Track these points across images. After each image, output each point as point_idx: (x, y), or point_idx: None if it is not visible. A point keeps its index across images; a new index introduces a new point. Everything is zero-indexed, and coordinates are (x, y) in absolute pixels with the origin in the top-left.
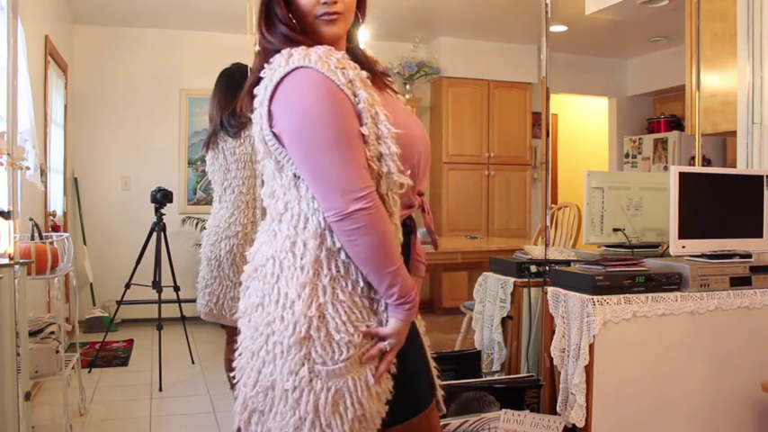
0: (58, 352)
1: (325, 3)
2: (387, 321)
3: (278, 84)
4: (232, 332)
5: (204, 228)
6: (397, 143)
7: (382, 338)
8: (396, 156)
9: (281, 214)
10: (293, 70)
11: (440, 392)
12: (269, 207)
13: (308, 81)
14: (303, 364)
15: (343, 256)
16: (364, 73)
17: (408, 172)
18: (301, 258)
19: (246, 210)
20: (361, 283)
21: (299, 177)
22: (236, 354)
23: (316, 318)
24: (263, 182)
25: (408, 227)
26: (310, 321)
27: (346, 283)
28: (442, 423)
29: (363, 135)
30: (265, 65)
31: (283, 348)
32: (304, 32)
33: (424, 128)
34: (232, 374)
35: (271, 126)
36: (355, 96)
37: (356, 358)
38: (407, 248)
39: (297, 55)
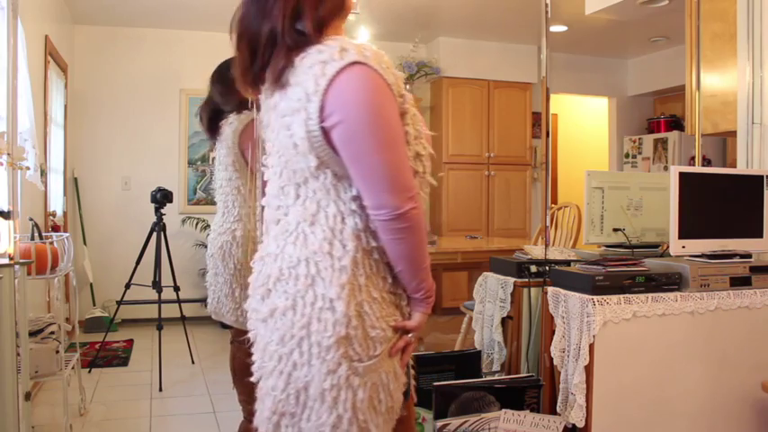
0: (57, 352)
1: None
2: (409, 315)
3: (333, 78)
4: (238, 333)
5: (204, 227)
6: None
7: (407, 331)
8: (428, 156)
9: (313, 215)
10: (350, 65)
11: (411, 382)
12: (289, 208)
13: (368, 78)
14: (341, 363)
15: (375, 255)
16: (400, 74)
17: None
18: (340, 260)
19: (233, 209)
20: (389, 280)
21: (339, 177)
22: (256, 358)
23: (354, 316)
24: (263, 182)
25: None
26: (350, 320)
27: (377, 281)
28: (442, 423)
29: (407, 134)
30: (302, 56)
31: (321, 349)
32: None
33: None
34: (252, 379)
35: (321, 120)
36: (401, 97)
37: (386, 352)
38: None
39: (352, 50)
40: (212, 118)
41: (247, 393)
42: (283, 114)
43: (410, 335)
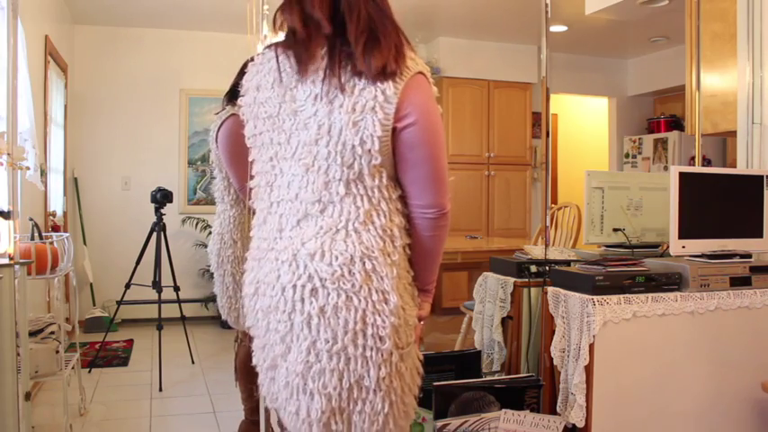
0: (57, 352)
1: None
2: (420, 306)
3: (409, 82)
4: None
5: (204, 227)
6: None
7: (419, 319)
8: None
9: (367, 213)
10: (417, 73)
11: None
12: (332, 205)
13: (430, 88)
14: (392, 352)
15: (408, 250)
16: None
17: None
18: (391, 255)
19: (228, 210)
20: (411, 273)
21: (390, 177)
22: (298, 360)
23: (400, 307)
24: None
25: None
26: (398, 311)
27: (407, 275)
28: (442, 423)
29: None
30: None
31: (376, 340)
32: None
33: None
34: (287, 380)
35: (396, 121)
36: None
37: (415, 339)
38: None
39: (418, 60)
40: None
41: (249, 392)
42: (341, 107)
43: (421, 322)
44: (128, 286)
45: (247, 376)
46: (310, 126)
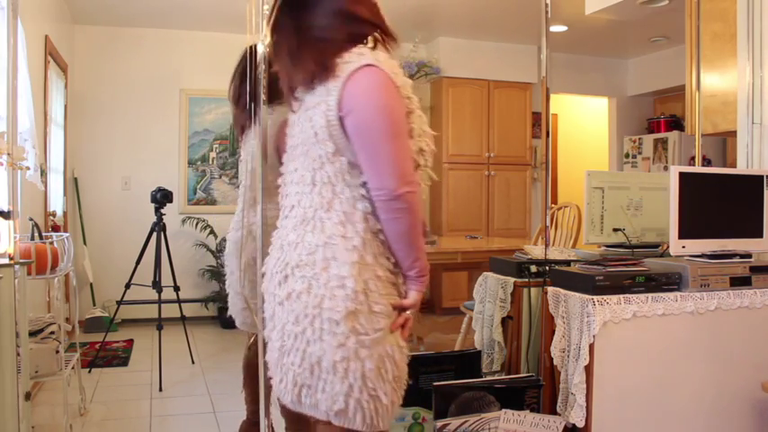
0: (58, 352)
1: None
2: (405, 294)
3: (350, 75)
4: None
5: (204, 228)
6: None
7: (404, 309)
8: (431, 152)
9: (330, 201)
10: (364, 66)
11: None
12: (305, 195)
13: (378, 77)
14: (349, 336)
15: (381, 236)
16: (408, 80)
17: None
18: (351, 240)
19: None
20: (391, 260)
21: (352, 165)
22: (275, 338)
23: (362, 293)
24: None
25: None
26: (357, 296)
27: (383, 261)
28: (442, 423)
29: (411, 131)
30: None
31: (331, 324)
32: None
33: None
34: (271, 356)
35: (339, 110)
36: (408, 98)
37: (389, 327)
38: None
39: (368, 54)
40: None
41: (254, 394)
42: (307, 108)
43: (408, 312)
44: (128, 286)
45: (253, 378)
46: (294, 128)
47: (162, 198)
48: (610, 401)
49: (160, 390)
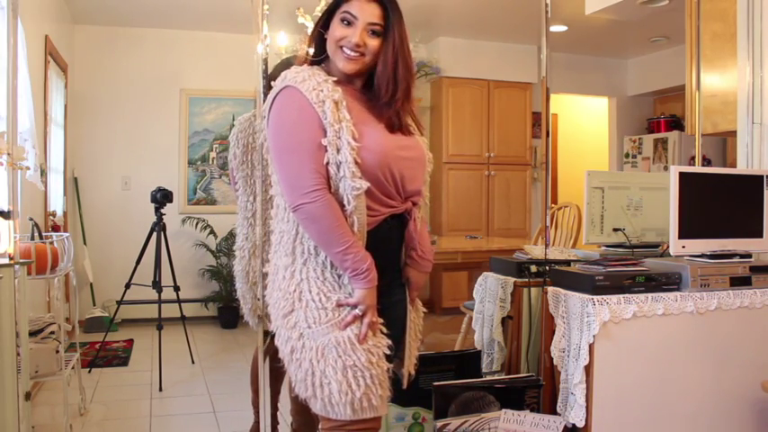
0: (58, 352)
1: (348, 42)
2: (351, 292)
3: (274, 99)
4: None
5: (204, 227)
6: (360, 156)
7: (353, 306)
8: (352, 164)
9: (277, 214)
10: (284, 88)
11: (406, 370)
12: (275, 207)
13: (288, 98)
14: (293, 329)
15: (312, 241)
16: (338, 96)
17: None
18: (284, 247)
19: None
20: (330, 262)
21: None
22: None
23: (296, 293)
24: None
25: (402, 220)
26: (293, 297)
27: (316, 263)
28: (442, 423)
29: (324, 145)
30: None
31: (279, 320)
32: (327, 56)
33: (419, 148)
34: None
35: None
36: (324, 114)
37: (335, 322)
38: (400, 240)
39: (290, 75)
40: None
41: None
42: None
43: (357, 309)
44: (128, 286)
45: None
46: None
47: (162, 198)
48: (610, 401)
49: (160, 390)
